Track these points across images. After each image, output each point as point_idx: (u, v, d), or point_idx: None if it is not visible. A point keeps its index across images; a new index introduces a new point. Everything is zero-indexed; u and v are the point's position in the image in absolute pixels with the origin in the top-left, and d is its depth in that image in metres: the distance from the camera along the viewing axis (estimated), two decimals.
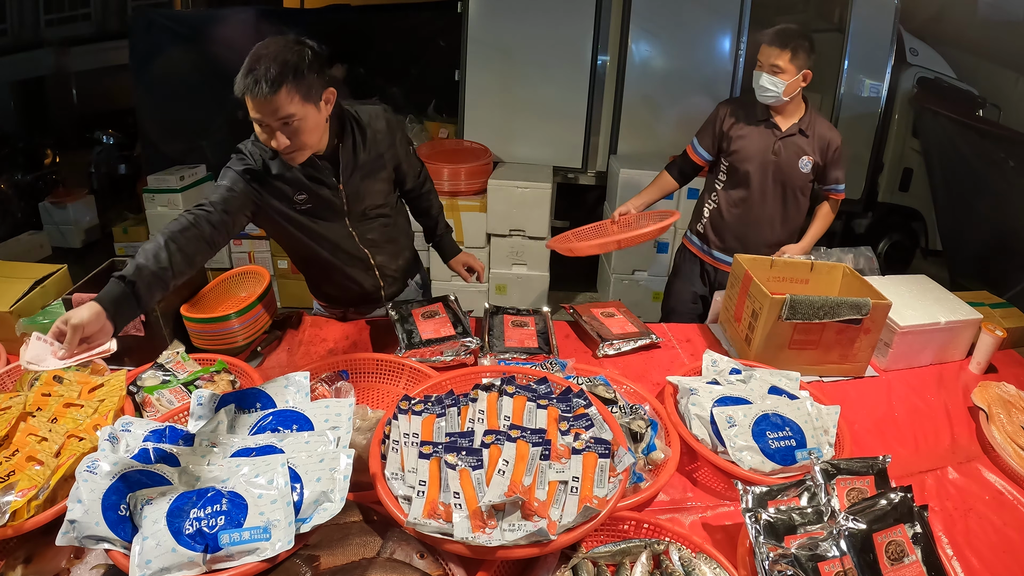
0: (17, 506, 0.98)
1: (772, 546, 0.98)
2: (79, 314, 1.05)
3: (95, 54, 5.48)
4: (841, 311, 1.57)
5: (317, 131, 1.39)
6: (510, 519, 0.96)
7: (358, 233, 1.66)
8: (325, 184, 1.53)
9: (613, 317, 1.87)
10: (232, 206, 1.43)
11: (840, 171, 2.10)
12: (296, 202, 1.54)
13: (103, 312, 1.08)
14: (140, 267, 1.19)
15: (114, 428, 1.11)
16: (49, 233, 4.55)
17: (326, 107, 1.39)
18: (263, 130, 1.34)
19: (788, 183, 2.08)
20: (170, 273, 1.24)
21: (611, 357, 1.72)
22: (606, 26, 3.56)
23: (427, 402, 1.18)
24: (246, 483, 0.97)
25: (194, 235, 1.32)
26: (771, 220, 2.14)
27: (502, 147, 3.82)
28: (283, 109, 1.28)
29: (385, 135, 1.60)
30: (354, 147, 1.54)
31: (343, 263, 1.70)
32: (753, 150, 2.06)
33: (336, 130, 1.51)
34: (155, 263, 1.22)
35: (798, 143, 2.03)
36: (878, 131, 3.96)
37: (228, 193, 1.43)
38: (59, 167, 5.01)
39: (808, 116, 2.04)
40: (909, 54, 3.99)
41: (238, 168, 1.46)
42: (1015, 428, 1.43)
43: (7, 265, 1.82)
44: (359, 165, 1.56)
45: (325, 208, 1.57)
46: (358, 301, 1.86)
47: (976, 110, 3.78)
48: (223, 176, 1.47)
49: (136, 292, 1.16)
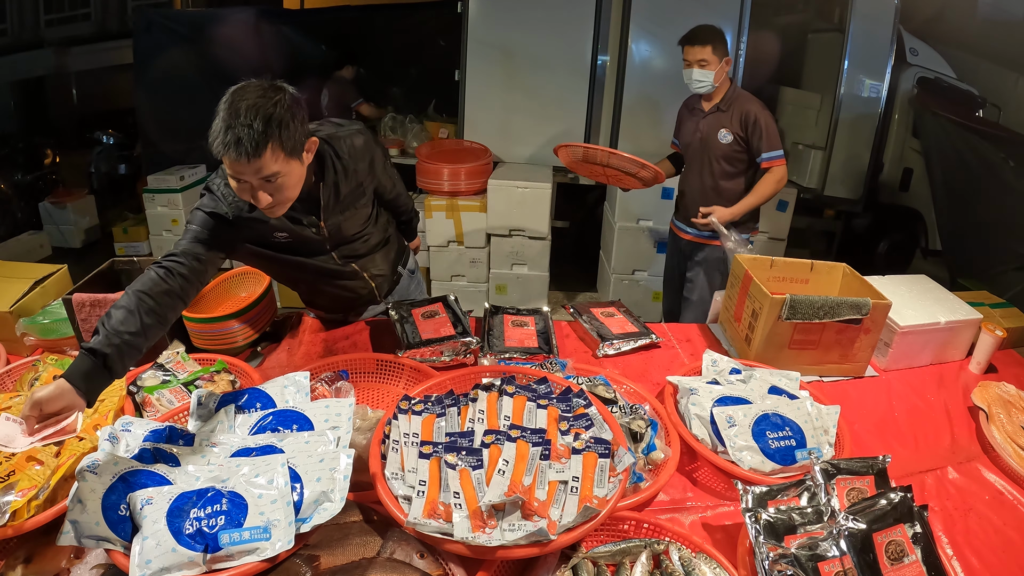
0: (17, 506, 0.98)
1: (772, 546, 0.98)
2: (42, 391, 1.04)
3: (95, 54, 5.48)
4: (841, 311, 1.57)
5: (300, 184, 1.29)
6: (510, 519, 0.96)
7: (340, 255, 1.61)
8: (305, 224, 1.46)
9: (613, 317, 1.87)
10: (203, 255, 1.31)
11: (766, 140, 2.32)
12: (275, 239, 1.46)
13: (72, 389, 1.05)
14: (109, 336, 1.11)
15: (114, 428, 1.11)
16: (49, 233, 4.56)
17: (308, 157, 1.29)
18: (241, 187, 1.23)
19: (711, 154, 2.44)
20: (142, 339, 1.16)
21: (611, 357, 1.72)
22: (606, 26, 3.56)
23: (427, 402, 1.18)
24: (246, 483, 0.97)
25: (165, 291, 1.22)
26: (705, 190, 2.50)
27: (502, 147, 3.82)
28: (267, 168, 1.18)
29: (363, 161, 1.51)
30: (336, 184, 1.46)
31: (331, 279, 1.66)
32: (687, 132, 2.53)
33: (315, 168, 1.41)
34: (125, 330, 1.13)
35: (717, 119, 2.40)
36: (878, 131, 3.96)
37: (198, 241, 1.31)
38: (59, 167, 5.01)
39: (729, 94, 2.38)
40: (909, 54, 3.99)
41: (208, 210, 1.34)
42: (1015, 428, 1.43)
43: (7, 265, 1.82)
44: (341, 199, 1.49)
45: (305, 244, 1.51)
46: (355, 305, 1.85)
47: (976, 110, 3.78)
48: (192, 219, 1.35)
49: (108, 365, 1.10)
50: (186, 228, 1.35)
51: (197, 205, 1.36)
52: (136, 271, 1.76)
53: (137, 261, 1.77)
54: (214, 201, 1.34)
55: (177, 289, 1.25)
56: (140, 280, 1.22)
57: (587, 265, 4.28)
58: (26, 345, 1.58)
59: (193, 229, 1.33)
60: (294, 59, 4.61)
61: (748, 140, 2.35)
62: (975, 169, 3.41)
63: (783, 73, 4.40)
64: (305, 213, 1.44)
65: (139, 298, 1.18)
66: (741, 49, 3.60)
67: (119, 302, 1.18)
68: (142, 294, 1.19)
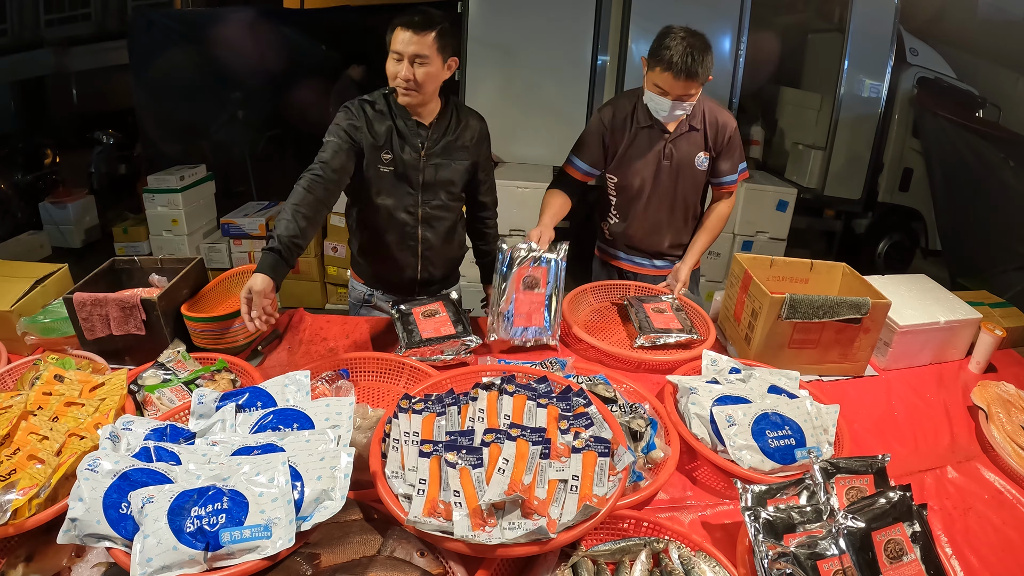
0: (18, 504, 0.99)
1: (771, 544, 0.98)
2: (255, 282, 1.36)
3: (95, 54, 5.48)
4: (841, 310, 1.57)
5: (433, 83, 1.63)
6: (510, 517, 0.96)
7: (423, 213, 1.79)
8: (410, 145, 1.70)
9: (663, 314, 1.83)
10: (340, 162, 1.60)
11: (739, 154, 1.95)
12: (382, 160, 1.70)
13: (266, 277, 1.38)
14: (280, 239, 1.43)
15: (115, 427, 1.11)
16: (49, 233, 4.55)
17: (446, 71, 1.65)
18: (395, 63, 1.58)
19: (685, 185, 1.96)
20: (302, 239, 1.47)
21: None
22: (606, 26, 3.57)
23: (427, 401, 1.18)
24: (247, 481, 0.97)
25: (311, 201, 1.52)
26: (665, 227, 2.04)
27: (502, 147, 3.83)
28: (423, 48, 1.55)
29: (475, 134, 1.79)
30: (446, 127, 1.73)
31: (396, 236, 1.81)
32: (637, 160, 1.93)
33: (440, 110, 1.72)
34: (289, 235, 1.44)
35: (692, 141, 1.91)
36: (878, 131, 3.97)
37: (336, 149, 1.61)
38: (59, 167, 5.01)
39: (698, 106, 1.87)
40: (909, 54, 4.00)
41: (343, 123, 1.65)
42: (1014, 427, 1.43)
43: (7, 265, 1.82)
44: (444, 143, 1.73)
45: (404, 173, 1.72)
46: (392, 284, 1.93)
47: (976, 110, 3.79)
48: (331, 132, 1.64)
49: (284, 257, 1.43)
50: (325, 142, 1.63)
51: (334, 122, 1.66)
52: (137, 271, 1.76)
53: (138, 261, 1.77)
54: (347, 114, 1.67)
55: (321, 196, 1.54)
56: (293, 195, 1.52)
57: (587, 265, 4.28)
58: (27, 344, 1.58)
59: (332, 142, 1.62)
60: (294, 59, 4.62)
61: (716, 158, 1.94)
62: (975, 169, 3.41)
63: (783, 73, 4.41)
64: (414, 138, 1.70)
65: (295, 209, 1.48)
66: (741, 49, 3.61)
67: (282, 214, 1.49)
68: (296, 206, 1.49)
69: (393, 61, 1.59)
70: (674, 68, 1.69)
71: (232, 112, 4.70)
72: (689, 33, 1.70)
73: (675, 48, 1.67)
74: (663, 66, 1.71)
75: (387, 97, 1.70)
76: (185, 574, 0.88)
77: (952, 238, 3.73)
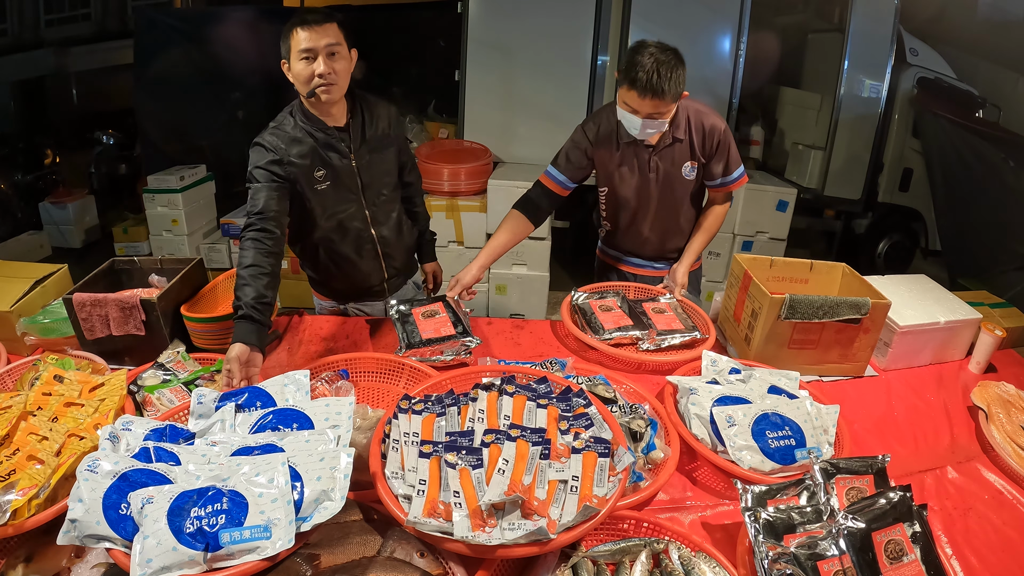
0: (18, 505, 0.99)
1: (771, 545, 0.98)
2: (233, 352, 1.30)
3: (95, 54, 5.48)
4: (840, 311, 1.57)
5: (346, 74, 1.58)
6: (510, 518, 0.96)
7: (371, 214, 1.78)
8: (339, 152, 1.66)
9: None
10: (275, 206, 1.54)
11: (732, 157, 1.88)
12: (316, 179, 1.65)
13: (249, 347, 1.32)
14: (245, 304, 1.38)
15: (115, 427, 1.11)
16: (49, 233, 4.55)
17: (351, 63, 1.60)
18: (307, 63, 1.51)
19: (675, 196, 1.93)
20: (270, 295, 1.43)
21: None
22: (606, 26, 3.57)
23: (427, 401, 1.18)
24: (247, 482, 0.97)
25: (264, 257, 1.47)
26: (659, 235, 2.03)
27: (502, 147, 3.83)
28: (334, 36, 1.51)
29: (390, 118, 1.77)
30: (363, 123, 1.70)
31: (354, 248, 1.80)
32: (624, 175, 1.91)
33: (349, 107, 1.68)
34: (255, 299, 1.39)
35: (678, 152, 1.85)
36: (878, 131, 3.96)
37: (268, 195, 1.54)
38: (59, 167, 5.00)
39: (679, 116, 1.81)
40: (909, 54, 4.00)
41: (263, 163, 1.57)
42: (1014, 428, 1.43)
43: (7, 265, 1.82)
44: (367, 139, 1.71)
45: (341, 182, 1.69)
46: (362, 294, 1.92)
47: (976, 110, 3.79)
48: (253, 178, 1.56)
49: (256, 320, 1.38)
50: (254, 190, 1.55)
51: (252, 165, 1.57)
52: (136, 271, 1.76)
53: (137, 261, 1.77)
54: (263, 153, 1.58)
55: (272, 248, 1.49)
56: (242, 257, 1.46)
57: (587, 265, 4.28)
58: (26, 344, 1.58)
59: (260, 188, 1.55)
60: None
61: (707, 163, 1.88)
62: (975, 169, 3.41)
63: (783, 73, 4.40)
64: (340, 144, 1.66)
65: (251, 272, 1.43)
66: (741, 49, 3.60)
67: (240, 280, 1.42)
68: (250, 268, 1.44)
69: (304, 63, 1.51)
70: (638, 86, 1.61)
71: (232, 112, 4.70)
72: (660, 49, 1.61)
73: (642, 65, 1.59)
74: (629, 83, 1.63)
75: (293, 115, 1.63)
76: (185, 575, 0.88)
77: (952, 238, 3.73)
